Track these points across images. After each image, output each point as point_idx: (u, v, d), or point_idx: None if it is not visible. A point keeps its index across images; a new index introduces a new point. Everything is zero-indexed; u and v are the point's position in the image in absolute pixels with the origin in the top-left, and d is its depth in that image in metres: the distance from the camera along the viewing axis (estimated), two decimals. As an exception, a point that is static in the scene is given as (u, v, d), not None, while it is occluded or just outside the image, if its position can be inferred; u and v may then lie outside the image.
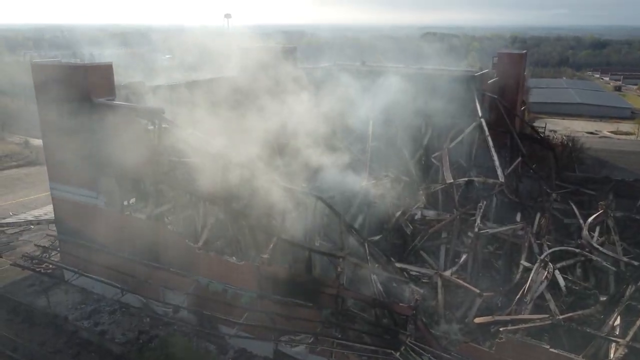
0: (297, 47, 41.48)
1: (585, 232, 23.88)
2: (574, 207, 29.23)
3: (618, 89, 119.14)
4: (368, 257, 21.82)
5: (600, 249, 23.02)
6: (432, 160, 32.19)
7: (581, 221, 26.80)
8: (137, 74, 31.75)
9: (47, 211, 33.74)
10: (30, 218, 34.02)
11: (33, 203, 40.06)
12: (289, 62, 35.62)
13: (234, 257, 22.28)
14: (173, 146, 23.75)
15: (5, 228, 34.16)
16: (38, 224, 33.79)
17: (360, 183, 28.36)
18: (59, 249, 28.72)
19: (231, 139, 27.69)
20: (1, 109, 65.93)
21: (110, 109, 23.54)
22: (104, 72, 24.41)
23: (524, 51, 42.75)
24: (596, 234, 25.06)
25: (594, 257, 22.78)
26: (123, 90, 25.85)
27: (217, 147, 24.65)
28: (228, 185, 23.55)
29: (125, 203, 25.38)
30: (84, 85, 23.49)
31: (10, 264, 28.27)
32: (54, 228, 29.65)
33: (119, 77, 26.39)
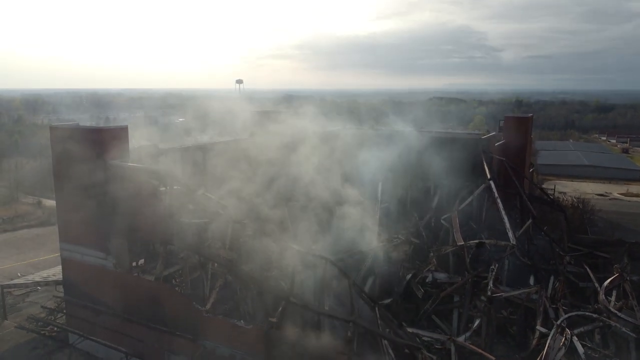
0: (307, 110, 42.57)
1: (602, 297, 23.25)
2: (588, 270, 28.64)
3: (625, 151, 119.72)
4: (379, 322, 21.29)
5: (619, 314, 22.31)
6: (442, 222, 32.04)
7: (597, 285, 26.16)
8: (151, 136, 32.58)
9: (55, 272, 33.59)
10: (38, 279, 33.82)
11: (42, 264, 40.00)
12: (299, 125, 36.45)
13: (241, 321, 21.85)
14: (184, 207, 23.95)
15: (13, 289, 33.91)
16: (46, 285, 33.54)
17: (370, 245, 28.16)
18: (65, 311, 28.38)
19: (241, 200, 27.93)
20: (17, 170, 67.33)
21: (123, 170, 23.99)
22: (119, 135, 25.10)
23: (530, 114, 43.51)
24: (613, 298, 24.38)
25: (612, 323, 22.04)
26: (137, 152, 26.44)
27: (227, 209, 24.81)
28: (237, 246, 23.52)
29: (134, 264, 25.33)
30: (99, 148, 24.10)
31: (15, 327, 27.88)
32: (62, 289, 29.44)
33: (134, 140, 27.09)
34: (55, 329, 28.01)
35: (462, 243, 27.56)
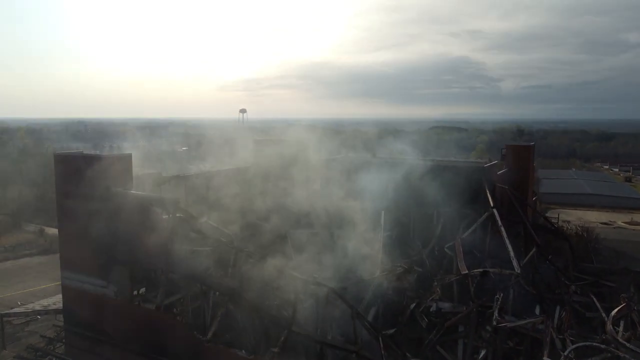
0: (309, 139, 42.83)
1: (609, 327, 22.86)
2: (594, 299, 28.27)
3: (628, 179, 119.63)
4: (382, 352, 20.95)
5: (627, 345, 21.89)
6: (446, 250, 31.84)
7: (604, 315, 25.77)
8: (154, 164, 32.79)
9: (56, 301, 33.30)
10: (38, 308, 33.51)
11: (43, 292, 39.70)
12: (302, 153, 36.65)
13: (243, 351, 21.52)
14: (186, 235, 23.91)
15: (12, 318, 33.59)
16: (46, 313, 33.23)
17: (373, 273, 27.93)
18: (64, 340, 28.02)
19: (243, 228, 27.87)
20: (20, 198, 67.49)
21: (127, 198, 24.05)
22: (123, 163, 25.26)
23: (532, 143, 43.69)
24: (621, 328, 23.98)
25: (621, 354, 21.61)
26: (140, 179, 26.56)
27: (229, 237, 24.75)
28: (239, 275, 23.36)
29: (135, 293, 25.12)
30: (103, 175, 24.22)
31: (14, 357, 27.49)
32: (62, 318, 29.14)
33: (137, 168, 27.26)
34: (55, 359, 27.59)
35: (467, 272, 27.31)
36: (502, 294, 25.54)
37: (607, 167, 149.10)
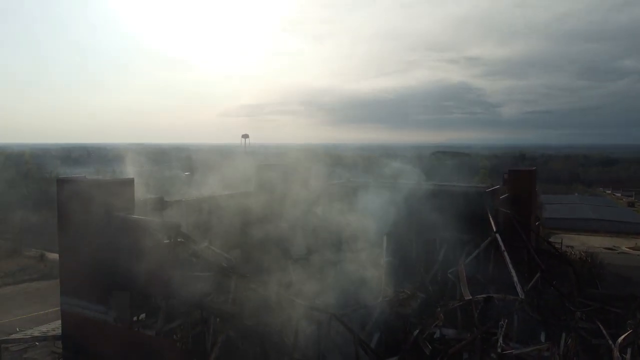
0: (311, 164, 42.97)
1: (617, 354, 22.51)
2: (600, 326, 27.85)
3: (631, 204, 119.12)
4: (385, 380, 20.58)
5: (635, 373, 21.51)
6: (449, 275, 31.58)
7: (610, 342, 25.36)
8: (156, 189, 32.84)
9: (55, 327, 32.91)
10: (36, 334, 33.09)
11: (42, 318, 39.27)
12: (304, 178, 36.72)
13: (243, 378, 21.16)
14: (187, 260, 23.79)
15: (10, 345, 33.12)
16: (44, 340, 32.78)
17: (375, 299, 27.64)
18: (62, 367, 27.61)
19: (245, 253, 27.75)
20: (22, 223, 67.44)
21: (128, 222, 24.03)
22: (125, 188, 25.33)
23: (534, 167, 43.72)
24: (628, 356, 23.57)
25: (628, 382, 21.20)
26: (142, 204, 26.58)
27: (230, 262, 24.61)
28: (240, 301, 23.13)
29: (135, 318, 24.85)
30: (105, 200, 24.25)
31: (10, 384, 27.04)
32: (60, 345, 28.76)
33: (139, 193, 27.30)
34: (52, 387, 27.13)
35: (470, 298, 27.03)
36: (506, 320, 25.20)
37: (609, 191, 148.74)
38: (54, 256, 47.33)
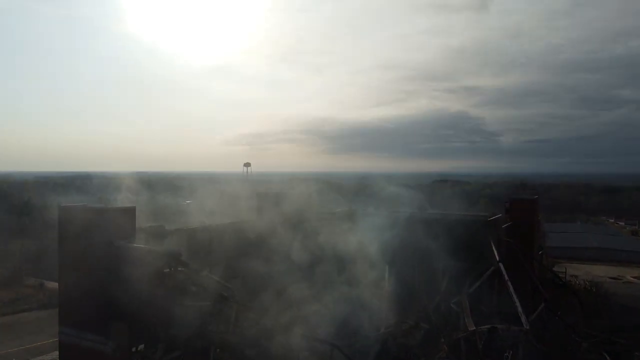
0: (313, 192, 43.00)
1: (624, 387, 22.03)
2: (607, 357, 27.37)
3: (635, 233, 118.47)
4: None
5: (644, 406, 21.02)
6: (452, 306, 31.20)
7: (618, 374, 24.88)
8: (158, 217, 32.80)
9: (52, 358, 32.46)
10: (33, 365, 32.64)
11: (39, 349, 38.76)
12: (305, 207, 36.69)
13: (243, 412, 20.71)
14: (187, 289, 23.58)
15: (6, 376, 32.62)
16: (40, 371, 32.30)
17: (378, 330, 27.27)
18: (58, 400, 27.03)
19: (247, 283, 27.51)
20: (22, 251, 67.14)
21: (129, 251, 23.90)
22: (127, 216, 25.27)
23: (536, 196, 43.68)
24: (636, 389, 23.07)
25: (638, 417, 20.69)
26: (143, 232, 26.50)
27: (231, 291, 24.38)
28: (241, 331, 22.82)
29: (134, 349, 24.45)
30: (107, 228, 24.18)
31: (5, 417, 26.47)
32: (57, 376, 28.27)
33: (141, 221, 27.25)
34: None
35: (474, 328, 26.67)
36: (511, 352, 24.81)
37: (612, 220, 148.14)
38: (54, 285, 47.01)
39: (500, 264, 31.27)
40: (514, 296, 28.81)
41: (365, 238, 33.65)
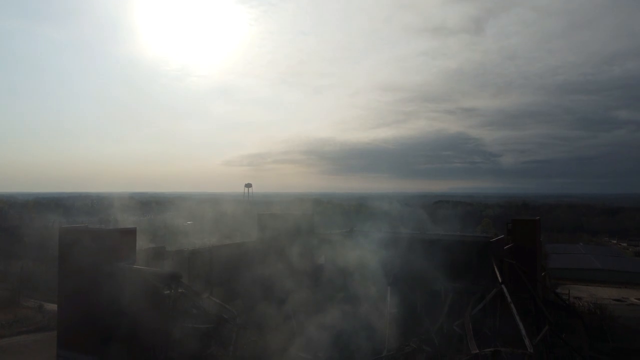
0: (314, 213, 42.90)
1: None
2: (613, 382, 26.92)
3: (638, 254, 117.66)
4: None
5: None
6: (455, 328, 30.80)
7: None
8: (159, 238, 32.71)
9: (49, 381, 31.95)
10: (30, 389, 32.13)
11: (36, 372, 38.20)
12: (307, 227, 36.56)
13: None
14: (188, 312, 23.36)
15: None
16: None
17: (380, 352, 26.89)
18: None
19: (246, 304, 27.26)
20: (22, 273, 66.74)
21: (129, 272, 23.78)
22: (127, 237, 25.23)
23: (538, 217, 43.50)
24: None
25: None
26: (144, 254, 26.40)
27: (231, 313, 24.15)
28: (241, 353, 22.53)
29: (133, 373, 24.12)
30: (107, 249, 24.12)
31: None
32: (54, 401, 27.84)
33: (142, 242, 27.19)
34: None
35: (477, 351, 26.27)
36: (515, 376, 24.41)
37: (615, 241, 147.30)
38: (53, 307, 46.57)
39: (503, 286, 30.96)
40: (517, 318, 28.45)
41: (366, 259, 33.45)
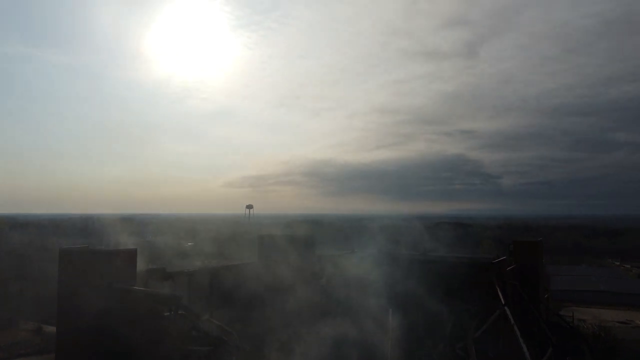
0: (314, 234, 42.76)
1: None
2: (619, 406, 26.49)
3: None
4: None
5: None
6: (457, 351, 30.46)
7: None
8: (159, 260, 32.58)
9: (46, 406, 31.52)
10: (26, 414, 31.66)
11: (33, 397, 37.72)
12: (307, 249, 36.43)
13: None
14: (188, 334, 23.13)
15: None
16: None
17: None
18: None
19: (248, 326, 27.02)
20: (21, 295, 66.32)
21: (128, 294, 23.61)
22: (128, 258, 25.09)
23: (540, 239, 43.36)
24: None
25: None
26: (144, 275, 26.27)
27: (232, 335, 23.91)
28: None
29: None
30: (107, 271, 23.98)
31: None
32: None
33: (142, 263, 27.06)
34: None
35: (480, 374, 25.94)
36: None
37: (618, 263, 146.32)
38: (51, 329, 46.20)
39: (506, 308, 30.70)
40: (521, 340, 28.16)
41: (367, 280, 33.25)
